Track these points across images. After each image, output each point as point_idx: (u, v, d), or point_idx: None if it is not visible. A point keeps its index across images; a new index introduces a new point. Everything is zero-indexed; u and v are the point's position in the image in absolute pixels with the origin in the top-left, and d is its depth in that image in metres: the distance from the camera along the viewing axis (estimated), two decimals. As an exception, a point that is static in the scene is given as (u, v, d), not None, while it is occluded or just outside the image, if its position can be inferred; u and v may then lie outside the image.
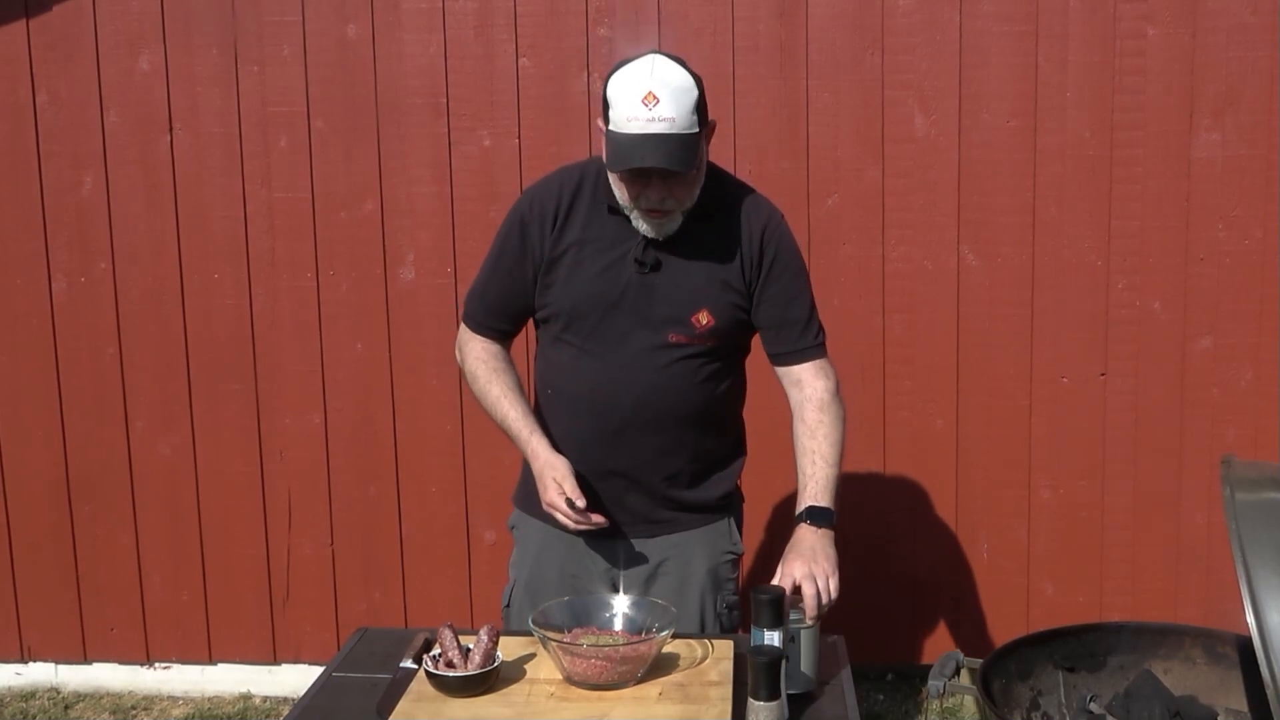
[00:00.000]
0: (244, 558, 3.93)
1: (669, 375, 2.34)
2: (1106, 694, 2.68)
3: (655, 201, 2.23)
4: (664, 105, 2.13)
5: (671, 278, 2.33)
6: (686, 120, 2.16)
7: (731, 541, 2.50)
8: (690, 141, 2.17)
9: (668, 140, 2.14)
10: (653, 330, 2.33)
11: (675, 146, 2.15)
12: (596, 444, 2.37)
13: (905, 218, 3.63)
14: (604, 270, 2.33)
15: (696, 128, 2.19)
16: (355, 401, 3.84)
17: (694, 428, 2.40)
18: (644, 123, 2.14)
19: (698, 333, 2.33)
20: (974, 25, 3.55)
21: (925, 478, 3.74)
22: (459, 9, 3.67)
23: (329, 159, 3.75)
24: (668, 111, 2.14)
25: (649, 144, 2.14)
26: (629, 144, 2.16)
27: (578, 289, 2.34)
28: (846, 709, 2.02)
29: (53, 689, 4.07)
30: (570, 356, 2.38)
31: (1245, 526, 2.07)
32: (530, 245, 2.38)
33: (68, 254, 3.85)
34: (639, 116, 2.14)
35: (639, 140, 2.15)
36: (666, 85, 2.15)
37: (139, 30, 3.75)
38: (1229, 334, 3.57)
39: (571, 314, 2.35)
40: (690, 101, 2.17)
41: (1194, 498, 3.64)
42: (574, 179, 2.39)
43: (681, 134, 2.15)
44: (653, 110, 2.13)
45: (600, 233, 2.34)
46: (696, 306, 2.33)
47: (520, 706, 1.96)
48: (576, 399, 2.39)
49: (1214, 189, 3.53)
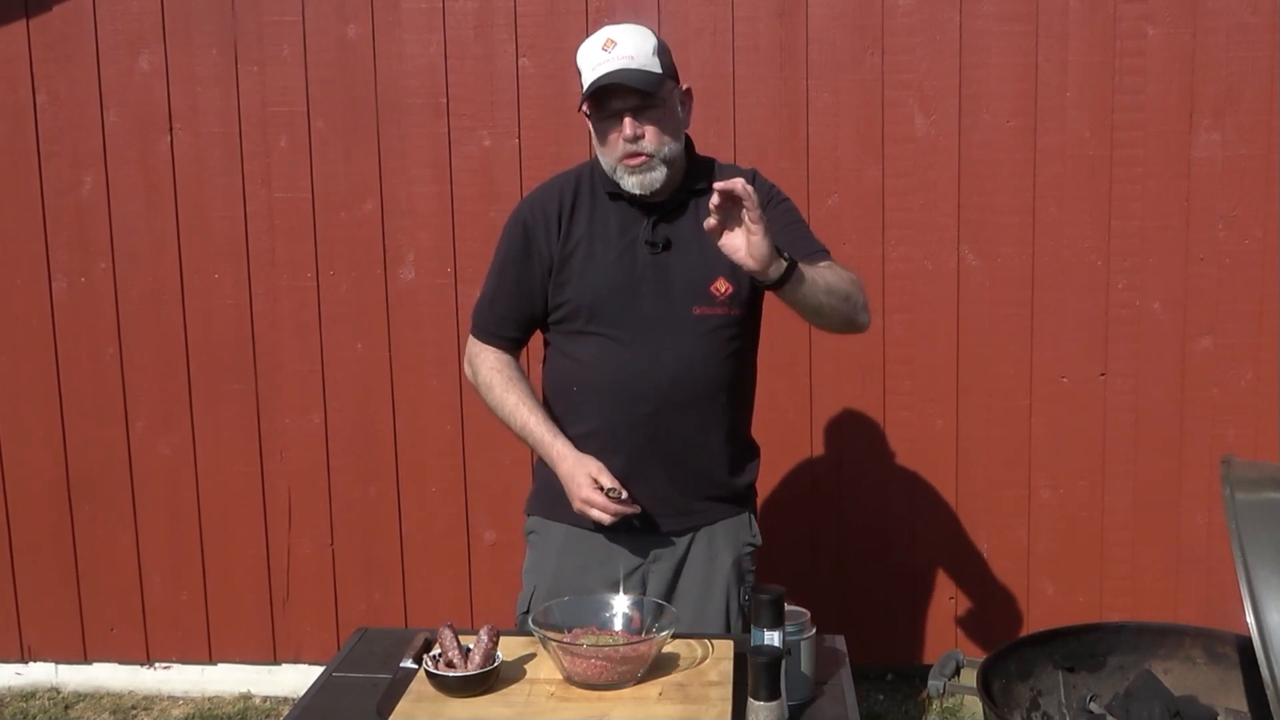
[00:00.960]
0: (244, 558, 3.93)
1: (699, 348, 2.38)
2: (1106, 694, 2.68)
3: (629, 138, 2.29)
4: (623, 46, 2.29)
5: (683, 252, 2.38)
6: (646, 60, 2.29)
7: (752, 533, 2.54)
8: (651, 77, 2.28)
9: (626, 70, 2.27)
10: (676, 307, 2.37)
11: (635, 73, 2.27)
12: (634, 431, 2.39)
13: (905, 218, 3.63)
14: (618, 258, 2.38)
15: (658, 69, 2.30)
16: (355, 401, 3.84)
17: (726, 403, 2.43)
18: (605, 60, 2.28)
19: (719, 300, 2.38)
20: (974, 25, 3.55)
21: (925, 478, 3.74)
22: (459, 9, 3.67)
23: (329, 159, 3.75)
24: (627, 50, 2.28)
25: (609, 73, 2.27)
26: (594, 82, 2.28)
27: (595, 280, 2.38)
28: (846, 709, 2.02)
29: (53, 689, 4.07)
30: (597, 347, 2.40)
31: (1245, 526, 2.07)
32: (537, 249, 2.41)
33: (68, 254, 3.86)
34: (601, 60, 2.28)
35: (602, 77, 2.27)
36: (625, 33, 2.31)
37: (139, 30, 3.75)
38: (1229, 334, 3.57)
39: (593, 304, 2.39)
40: (649, 45, 2.31)
41: (1194, 498, 3.64)
42: (571, 180, 2.46)
43: (642, 69, 2.27)
44: (612, 51, 2.28)
45: (606, 224, 2.40)
46: (713, 275, 2.37)
47: (520, 706, 1.96)
48: (609, 389, 2.39)
49: (1214, 189, 3.53)
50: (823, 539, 3.76)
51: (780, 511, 3.70)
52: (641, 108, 2.29)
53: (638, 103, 2.28)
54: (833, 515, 3.77)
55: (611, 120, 2.31)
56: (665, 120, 2.32)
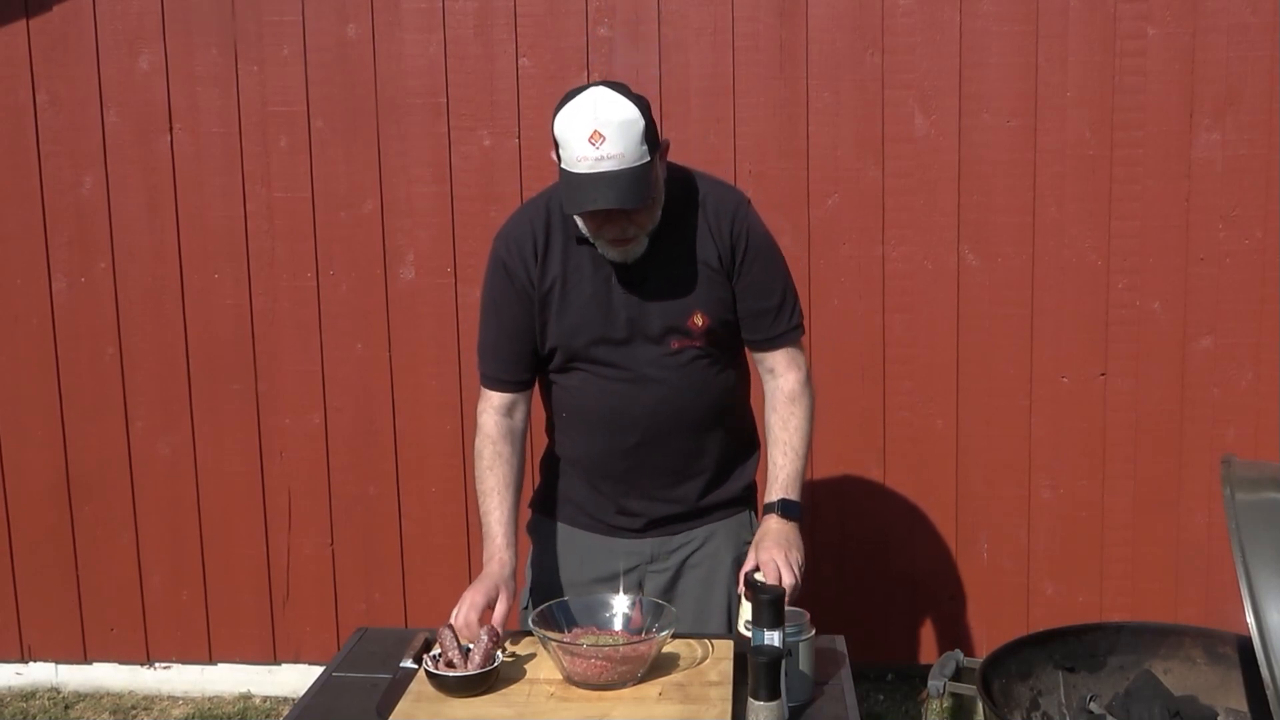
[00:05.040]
0: (244, 558, 3.93)
1: (678, 381, 2.36)
2: (1106, 694, 2.68)
3: (617, 233, 2.25)
4: (610, 142, 2.12)
5: (659, 288, 2.34)
6: (635, 153, 2.15)
7: (751, 531, 2.52)
8: (641, 174, 2.16)
9: (618, 178, 2.14)
10: (654, 342, 2.35)
11: (626, 183, 2.14)
12: (624, 458, 2.40)
13: (905, 218, 3.63)
14: (592, 296, 2.34)
15: (647, 158, 2.18)
16: (355, 401, 3.84)
17: (711, 429, 2.42)
18: (593, 162, 2.13)
19: (696, 334, 2.35)
20: (974, 25, 3.55)
21: (925, 477, 3.74)
22: (459, 9, 3.67)
23: (329, 159, 3.75)
24: (615, 148, 2.12)
25: (600, 184, 2.14)
26: (580, 185, 2.16)
27: (571, 321, 2.35)
28: (846, 709, 2.02)
29: (53, 689, 4.07)
30: (579, 380, 2.40)
31: (1245, 526, 2.07)
32: (520, 285, 2.37)
33: (68, 254, 3.85)
34: (587, 156, 2.13)
35: (590, 180, 2.15)
36: (610, 122, 2.13)
37: (139, 30, 3.75)
38: (1229, 334, 3.57)
39: (571, 345, 2.36)
40: (637, 133, 2.15)
41: (1194, 498, 3.64)
42: (541, 215, 2.37)
43: (631, 168, 2.15)
44: (600, 149, 2.12)
45: (579, 262, 2.35)
46: (689, 310, 2.34)
47: (520, 706, 1.96)
48: (595, 419, 2.40)
49: (1214, 189, 3.53)
50: (823, 539, 3.76)
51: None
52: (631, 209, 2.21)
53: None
54: (833, 515, 3.77)
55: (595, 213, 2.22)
56: (655, 202, 2.26)
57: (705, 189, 2.39)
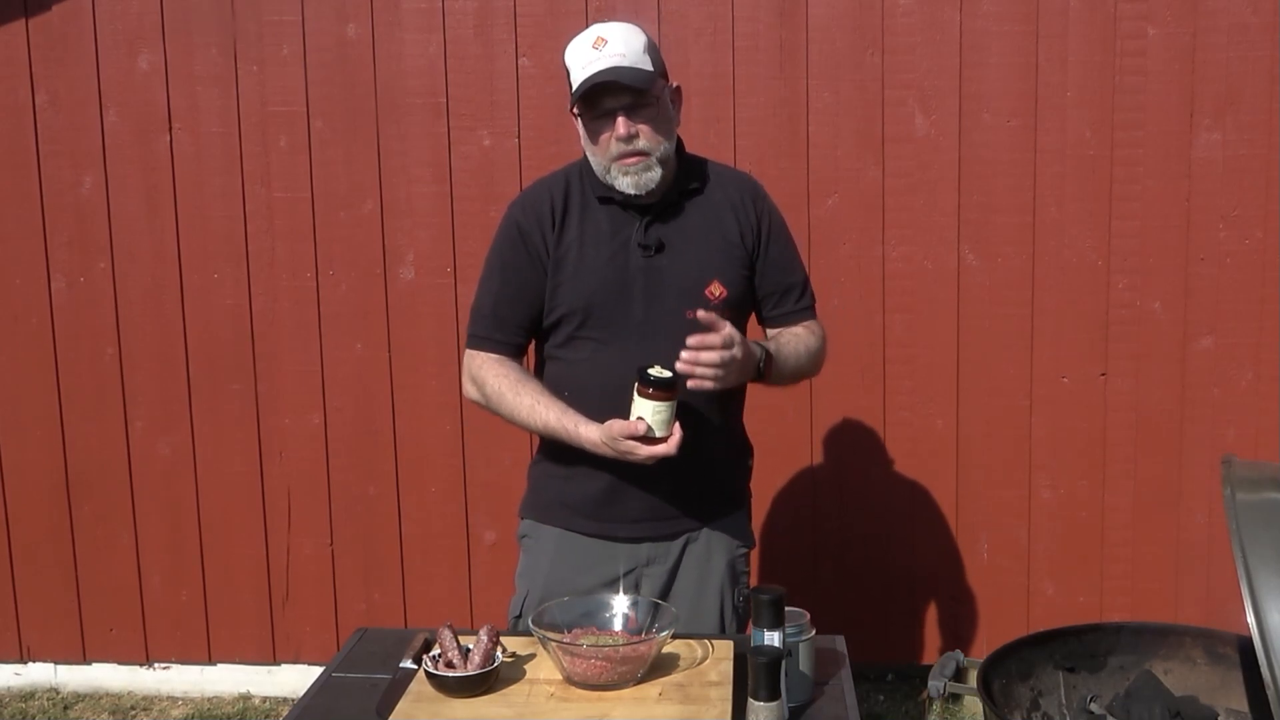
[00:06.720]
0: (244, 558, 3.93)
1: None
2: (1107, 694, 2.67)
3: (624, 139, 2.26)
4: (613, 44, 2.26)
5: (677, 255, 2.35)
6: (637, 57, 2.26)
7: (745, 534, 2.53)
8: (644, 75, 2.25)
9: (619, 67, 2.24)
10: (669, 310, 2.32)
11: (628, 70, 2.24)
12: None
13: (905, 218, 3.63)
14: (610, 260, 2.34)
15: (649, 66, 2.27)
16: (355, 401, 3.84)
17: (720, 407, 2.40)
18: (596, 58, 2.25)
19: (713, 304, 2.33)
20: (974, 25, 3.55)
21: (925, 478, 3.74)
22: (459, 9, 3.67)
23: (329, 159, 3.75)
24: (617, 48, 2.25)
25: (602, 71, 2.24)
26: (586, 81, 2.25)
27: (587, 282, 2.34)
28: (846, 709, 2.02)
29: (52, 689, 4.07)
30: (589, 352, 2.37)
31: (1245, 526, 2.06)
32: (534, 249, 2.37)
33: (67, 254, 3.85)
34: (592, 59, 2.25)
35: (594, 74, 2.25)
36: (615, 30, 2.28)
37: (139, 30, 3.75)
38: (1229, 334, 3.57)
39: (586, 309, 2.35)
40: (640, 43, 2.27)
41: (1194, 498, 3.64)
42: (560, 181, 2.42)
43: (634, 66, 2.25)
44: (603, 50, 2.25)
45: (597, 226, 2.36)
46: (707, 279, 2.35)
47: (520, 706, 1.95)
48: (601, 393, 2.32)
49: (1214, 189, 3.53)
50: (823, 539, 3.76)
51: (781, 512, 3.70)
52: (635, 106, 2.26)
53: (631, 101, 2.25)
54: (833, 515, 3.76)
55: (604, 120, 2.28)
56: (659, 119, 2.30)
57: (721, 169, 2.49)
